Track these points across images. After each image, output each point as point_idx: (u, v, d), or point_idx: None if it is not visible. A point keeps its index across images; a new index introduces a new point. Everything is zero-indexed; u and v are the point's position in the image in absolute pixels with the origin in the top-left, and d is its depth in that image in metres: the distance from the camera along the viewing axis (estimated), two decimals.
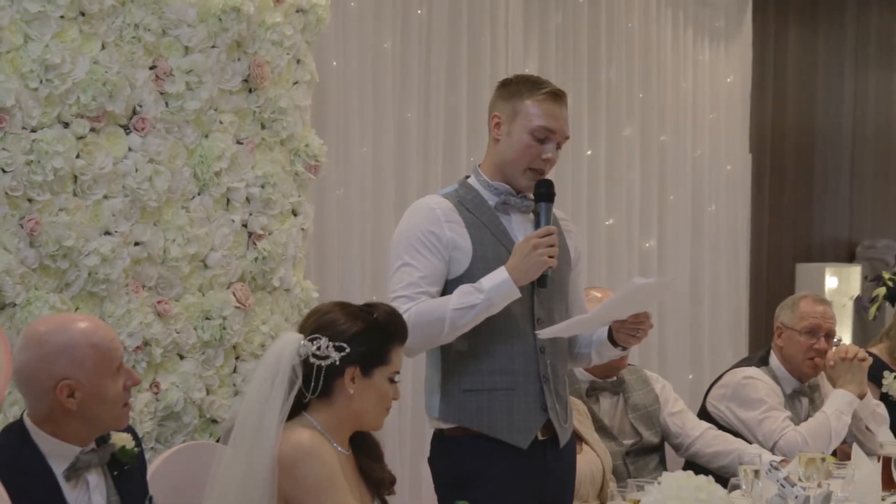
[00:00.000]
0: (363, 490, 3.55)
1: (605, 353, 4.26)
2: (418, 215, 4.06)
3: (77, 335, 3.26)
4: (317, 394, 3.48)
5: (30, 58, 4.18)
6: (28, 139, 4.17)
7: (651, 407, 5.16)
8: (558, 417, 4.06)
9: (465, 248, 3.99)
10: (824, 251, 9.15)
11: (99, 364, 3.26)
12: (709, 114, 8.09)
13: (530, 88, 4.08)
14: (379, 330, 3.53)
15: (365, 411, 3.51)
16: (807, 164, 9.10)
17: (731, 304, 8.24)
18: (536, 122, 4.03)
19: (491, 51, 6.68)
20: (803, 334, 5.42)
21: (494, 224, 4.05)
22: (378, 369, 3.50)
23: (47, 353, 3.23)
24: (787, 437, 5.15)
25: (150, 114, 4.51)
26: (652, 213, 7.69)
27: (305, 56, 5.11)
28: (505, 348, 3.99)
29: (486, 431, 3.96)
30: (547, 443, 4.05)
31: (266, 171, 4.88)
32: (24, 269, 4.16)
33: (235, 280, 4.81)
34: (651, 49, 7.67)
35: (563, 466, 4.14)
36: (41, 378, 3.22)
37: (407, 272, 3.96)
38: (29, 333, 3.30)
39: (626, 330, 4.11)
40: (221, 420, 4.72)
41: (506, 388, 3.99)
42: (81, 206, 4.32)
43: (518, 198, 4.09)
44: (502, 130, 4.08)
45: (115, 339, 3.35)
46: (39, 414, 3.25)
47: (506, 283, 3.87)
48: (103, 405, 3.27)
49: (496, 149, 4.11)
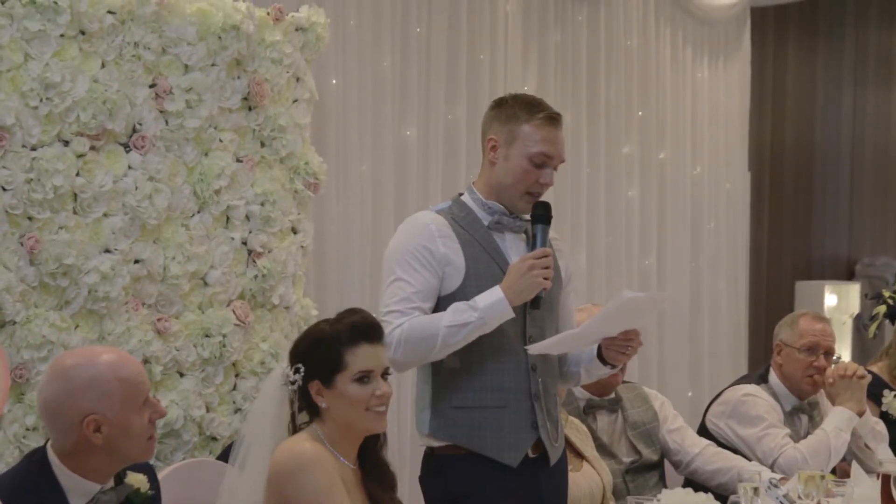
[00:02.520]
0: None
1: (595, 371, 4.24)
2: (412, 230, 4.05)
3: (104, 369, 3.23)
4: (303, 415, 3.55)
5: (30, 76, 4.19)
6: (28, 157, 4.18)
7: (650, 424, 5.15)
8: (549, 436, 4.05)
9: (458, 264, 3.98)
10: (823, 269, 9.16)
11: (126, 399, 3.23)
12: (708, 131, 8.11)
13: (528, 112, 4.06)
14: (326, 339, 3.55)
15: (345, 419, 3.53)
16: (806, 181, 9.12)
17: (731, 322, 8.24)
18: (535, 149, 4.02)
19: (490, 68, 6.70)
20: (803, 352, 5.41)
21: (488, 242, 4.05)
22: (338, 376, 3.52)
23: (75, 387, 3.20)
24: (786, 455, 5.15)
25: (149, 132, 4.52)
26: (651, 230, 7.70)
27: (305, 74, 5.12)
28: (496, 366, 3.98)
29: (475, 449, 3.95)
30: (538, 461, 4.04)
31: (266, 188, 4.89)
32: (23, 287, 4.17)
33: (235, 298, 4.81)
34: (650, 67, 7.69)
35: (554, 485, 4.12)
36: (68, 412, 3.19)
37: (400, 287, 3.95)
38: (55, 367, 3.27)
39: (616, 347, 4.09)
40: (221, 437, 4.72)
41: (496, 406, 3.98)
42: (81, 223, 4.32)
43: (512, 218, 4.08)
44: (499, 154, 4.06)
45: (141, 373, 3.33)
46: (64, 447, 3.22)
47: (500, 302, 3.87)
48: (129, 439, 3.24)
49: (492, 171, 4.09)
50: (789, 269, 8.98)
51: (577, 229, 7.23)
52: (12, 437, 4.14)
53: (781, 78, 8.92)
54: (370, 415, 3.52)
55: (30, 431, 4.16)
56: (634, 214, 7.60)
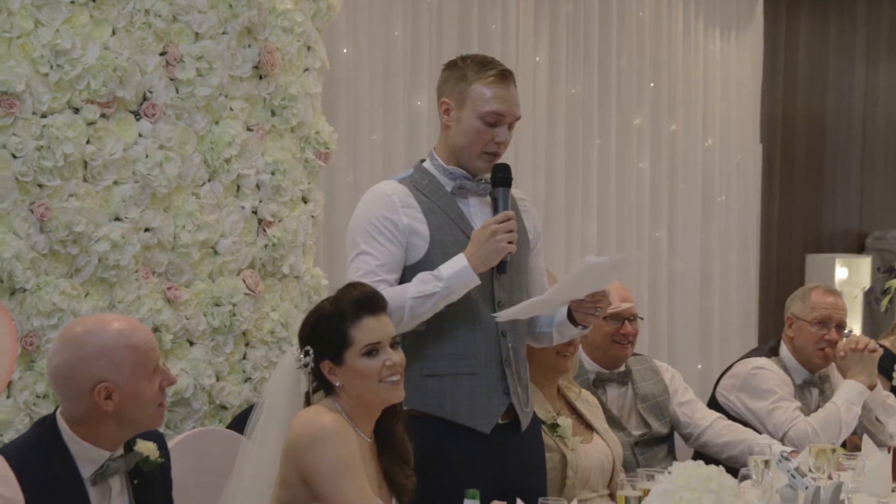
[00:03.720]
0: (381, 482, 3.55)
1: (566, 332, 4.22)
2: (374, 202, 4.01)
3: (115, 336, 3.22)
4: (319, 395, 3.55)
5: (40, 43, 4.18)
6: (38, 125, 4.17)
7: (660, 397, 5.14)
8: (520, 401, 4.04)
9: (422, 233, 3.95)
10: (834, 242, 9.13)
11: (137, 366, 3.22)
12: (719, 104, 8.07)
13: (477, 71, 4.00)
14: (328, 317, 3.53)
15: (360, 394, 3.51)
16: (817, 154, 9.07)
17: (741, 295, 8.22)
18: (486, 108, 3.97)
19: (501, 38, 6.68)
20: (814, 325, 5.40)
21: (451, 208, 4.01)
22: (346, 352, 3.49)
23: (86, 355, 3.19)
24: (796, 428, 5.14)
25: (160, 100, 4.51)
26: (662, 203, 7.68)
27: (316, 43, 5.10)
28: (466, 333, 3.96)
29: (448, 417, 3.92)
30: (507, 427, 4.03)
31: (276, 158, 4.88)
32: (34, 255, 4.16)
33: (245, 267, 4.81)
34: (662, 38, 7.65)
35: (525, 450, 4.11)
36: (79, 380, 3.18)
37: (364, 260, 3.91)
38: (65, 334, 3.26)
39: (584, 309, 4.07)
40: (231, 406, 4.72)
41: (468, 373, 3.95)
42: (91, 191, 4.31)
43: (474, 182, 4.05)
44: (452, 117, 4.02)
45: (151, 340, 3.31)
46: (75, 415, 3.22)
47: (464, 270, 3.84)
48: (139, 407, 3.24)
49: (448, 135, 4.05)
50: (800, 241, 8.94)
51: (587, 201, 7.21)
52: (22, 405, 4.14)
53: (794, 50, 8.87)
54: (384, 386, 3.51)
55: (40, 399, 4.17)
56: (645, 186, 7.58)
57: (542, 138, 6.93)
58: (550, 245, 6.97)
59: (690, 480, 3.24)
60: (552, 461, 4.40)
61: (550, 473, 4.39)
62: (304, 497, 3.40)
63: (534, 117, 6.88)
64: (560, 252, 7.00)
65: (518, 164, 6.79)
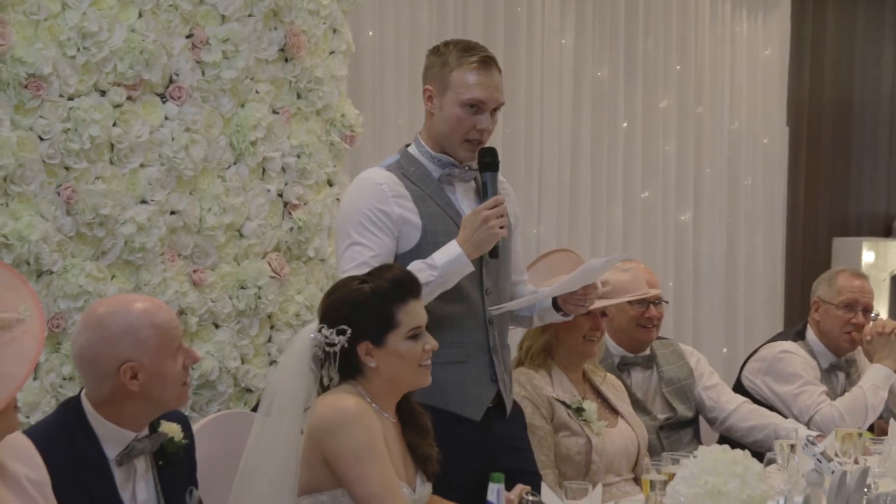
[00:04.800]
0: (407, 461, 3.55)
1: (548, 318, 4.26)
2: (365, 191, 3.98)
3: (139, 316, 3.22)
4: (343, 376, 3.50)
5: (67, 25, 4.19)
6: (65, 107, 4.18)
7: (686, 381, 5.14)
8: (505, 387, 4.07)
9: (413, 222, 3.94)
10: (861, 225, 9.09)
11: (161, 345, 3.22)
12: (746, 86, 8.04)
13: (458, 57, 3.99)
14: (374, 299, 3.49)
15: (396, 376, 3.51)
16: (844, 137, 9.03)
17: (767, 278, 8.20)
18: (467, 95, 3.95)
19: (527, 22, 6.66)
20: (841, 309, 5.38)
21: (440, 196, 4.01)
22: (390, 335, 3.48)
23: (111, 335, 3.19)
24: (823, 412, 5.12)
25: (186, 82, 4.51)
26: (688, 185, 7.66)
27: (342, 26, 5.10)
28: (455, 321, 3.95)
29: (439, 405, 3.90)
30: (491, 411, 4.05)
31: (302, 140, 4.88)
32: (60, 237, 4.18)
33: (270, 250, 4.82)
34: (689, 20, 7.62)
35: (512, 434, 4.13)
36: (104, 360, 3.18)
37: (357, 251, 3.89)
38: (89, 315, 3.26)
39: (575, 301, 4.13)
40: (256, 389, 4.73)
41: (457, 361, 3.96)
42: (118, 174, 4.32)
43: (461, 169, 4.04)
44: (434, 104, 4.01)
45: (174, 319, 3.32)
46: (100, 396, 3.22)
47: (459, 258, 3.83)
48: (164, 386, 3.24)
49: (432, 122, 4.03)
50: (826, 225, 8.90)
51: (612, 184, 7.20)
52: (49, 387, 4.16)
53: (821, 32, 8.82)
54: (422, 370, 3.51)
55: (66, 381, 4.19)
56: (671, 169, 7.56)
57: (567, 121, 6.91)
58: (576, 228, 6.97)
59: (716, 465, 3.23)
60: (577, 445, 4.41)
61: (575, 458, 4.40)
62: (330, 481, 3.41)
63: (559, 100, 6.86)
64: (586, 235, 6.99)
65: (543, 148, 6.79)
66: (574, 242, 6.71)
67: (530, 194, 6.70)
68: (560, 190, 6.89)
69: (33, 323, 2.45)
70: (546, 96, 6.79)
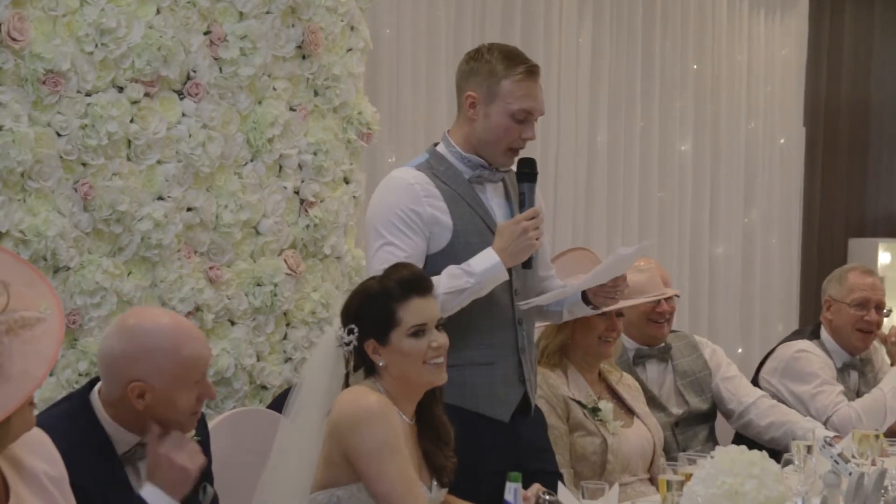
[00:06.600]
0: (421, 465, 3.54)
1: (578, 312, 4.26)
2: (397, 191, 3.95)
3: (166, 341, 3.16)
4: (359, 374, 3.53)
5: (85, 22, 4.19)
6: (83, 103, 4.18)
7: (700, 373, 5.12)
8: (531, 388, 4.07)
9: (445, 223, 3.92)
10: (877, 226, 9.05)
11: (178, 375, 3.16)
12: (763, 86, 8.01)
13: (506, 66, 3.96)
14: (375, 297, 3.50)
15: (404, 375, 3.50)
16: (861, 137, 8.99)
17: (783, 278, 8.18)
18: (517, 105, 3.94)
19: (544, 20, 6.65)
20: (853, 307, 5.36)
21: (471, 196, 3.99)
22: (393, 333, 3.48)
23: (131, 350, 3.15)
24: (840, 413, 5.11)
25: (203, 79, 4.51)
26: (704, 185, 7.65)
27: (359, 23, 5.09)
28: (484, 323, 3.95)
29: (469, 407, 3.90)
30: (518, 412, 4.04)
31: (318, 138, 4.88)
32: (77, 233, 4.18)
33: (287, 247, 4.82)
34: (706, 20, 7.61)
35: (535, 433, 4.13)
36: (118, 371, 3.15)
37: (391, 251, 3.85)
38: (121, 323, 3.21)
39: (605, 293, 4.13)
40: (272, 386, 4.73)
41: (485, 363, 3.95)
42: (135, 170, 4.33)
43: (490, 170, 4.03)
44: (478, 111, 3.98)
45: (203, 354, 3.24)
46: (110, 398, 3.19)
47: (497, 266, 3.83)
48: (171, 412, 3.18)
49: (472, 128, 4.00)
50: (842, 225, 8.87)
51: (629, 183, 7.18)
52: (65, 382, 4.16)
53: (838, 32, 8.79)
54: (428, 367, 3.50)
55: (82, 377, 4.19)
56: (687, 168, 7.54)
57: (584, 120, 6.91)
58: (592, 227, 6.95)
59: (733, 465, 3.22)
60: (593, 445, 4.40)
61: (591, 458, 4.39)
62: (348, 476, 3.41)
63: (576, 99, 6.85)
64: (601, 234, 6.98)
65: (560, 147, 6.78)
66: (590, 241, 6.69)
67: (546, 193, 6.68)
68: (576, 189, 6.88)
69: (53, 322, 2.44)
70: (563, 95, 6.78)
